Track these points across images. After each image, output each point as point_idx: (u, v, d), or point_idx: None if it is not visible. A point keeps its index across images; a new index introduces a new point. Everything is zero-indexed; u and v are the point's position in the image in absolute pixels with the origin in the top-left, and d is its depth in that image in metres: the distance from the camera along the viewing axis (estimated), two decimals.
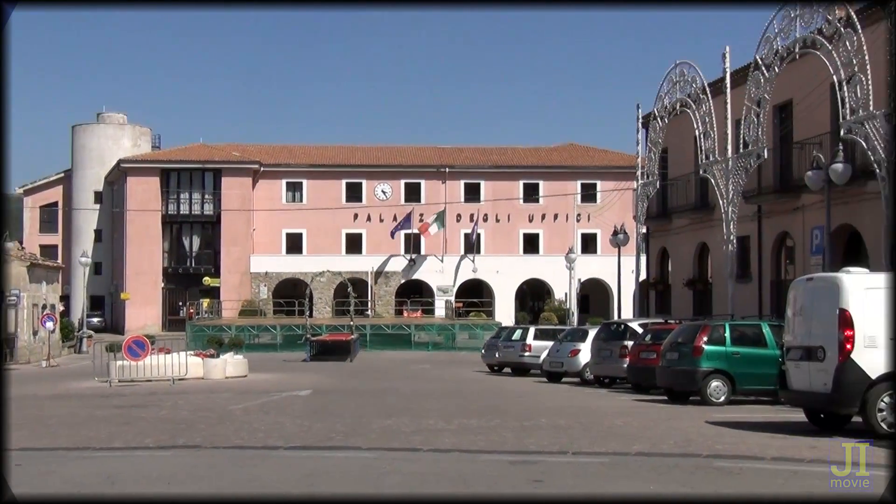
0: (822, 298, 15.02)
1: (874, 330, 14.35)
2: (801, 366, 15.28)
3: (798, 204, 29.38)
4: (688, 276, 37.34)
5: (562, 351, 29.63)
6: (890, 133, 21.04)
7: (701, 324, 22.34)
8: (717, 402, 20.37)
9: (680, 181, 37.04)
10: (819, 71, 24.81)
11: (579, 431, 15.22)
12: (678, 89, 31.95)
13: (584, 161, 69.08)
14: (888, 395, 14.22)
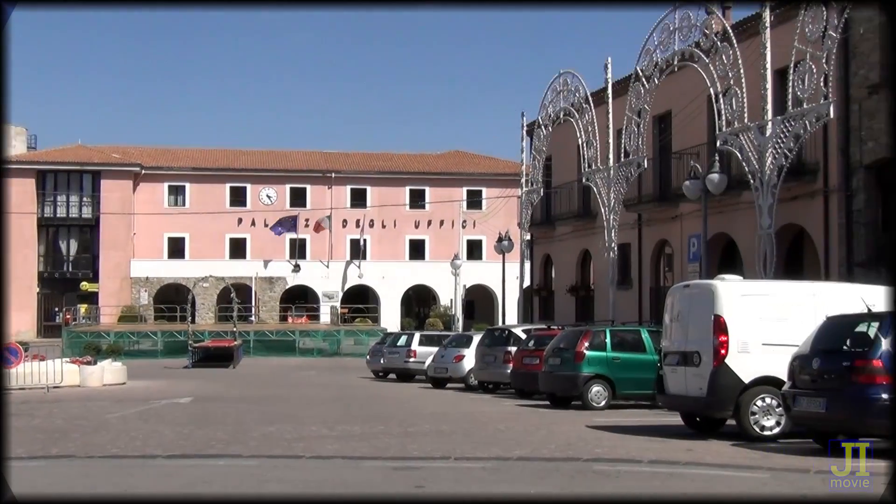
0: (698, 305, 15.42)
1: (747, 335, 14.80)
2: (677, 370, 15.65)
3: (676, 212, 30.16)
4: (571, 282, 37.94)
5: (446, 357, 29.76)
6: (763, 144, 21.73)
7: (582, 330, 22.71)
8: (598, 406, 20.73)
9: (563, 189, 37.63)
10: (697, 83, 25.51)
11: (462, 437, 15.29)
12: (562, 98, 32.46)
13: (470, 168, 69.55)
14: (761, 398, 14.67)
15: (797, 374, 13.49)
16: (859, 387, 12.42)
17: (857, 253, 23.22)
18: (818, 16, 20.37)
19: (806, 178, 24.60)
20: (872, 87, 22.82)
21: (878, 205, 23.19)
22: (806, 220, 25.18)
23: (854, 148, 23.35)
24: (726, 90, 23.11)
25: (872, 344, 12.57)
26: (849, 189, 23.47)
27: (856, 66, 23.42)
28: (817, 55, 20.49)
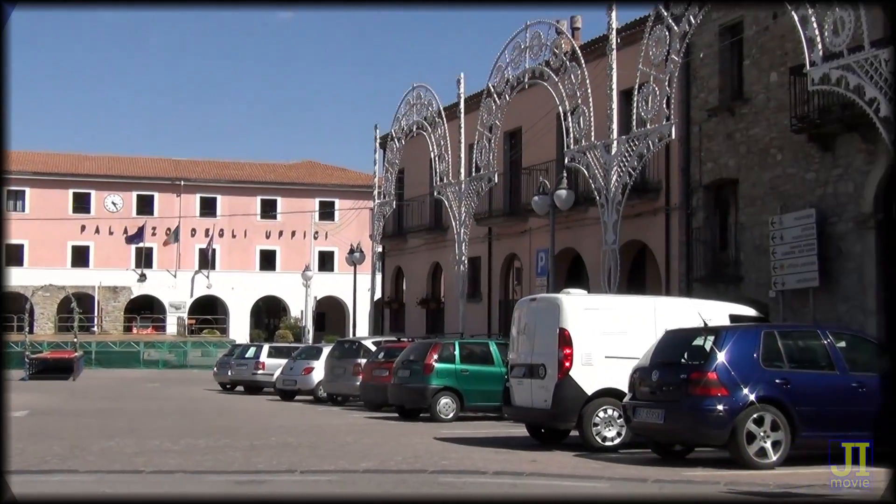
0: (543, 318, 15.72)
1: (591, 348, 15.16)
2: (523, 383, 15.91)
3: (526, 227, 30.69)
4: (422, 294, 38.15)
5: (295, 369, 29.49)
6: (609, 162, 22.33)
7: (432, 342, 22.84)
8: (447, 418, 20.88)
9: (415, 202, 37.84)
10: (546, 101, 26.04)
11: (309, 450, 15.17)
12: (415, 112, 32.64)
13: (323, 179, 69.23)
14: (603, 410, 15.04)
15: (637, 387, 13.89)
16: (696, 398, 12.86)
17: (695, 269, 24.09)
18: (662, 40, 21.08)
19: (649, 195, 25.41)
20: (711, 111, 23.77)
21: (715, 223, 24.13)
22: (649, 237, 25.99)
23: (694, 168, 24.25)
24: (574, 109, 23.67)
25: (708, 357, 13.05)
26: (689, 207, 24.35)
27: (696, 89, 24.36)
28: (660, 78, 21.20)
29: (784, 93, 21.05)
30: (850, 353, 13.70)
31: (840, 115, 19.24)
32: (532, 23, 25.48)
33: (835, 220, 20.16)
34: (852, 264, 19.77)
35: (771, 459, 12.66)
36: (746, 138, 22.65)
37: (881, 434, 13.27)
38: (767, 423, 12.68)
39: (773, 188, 21.79)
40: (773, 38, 21.83)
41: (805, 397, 12.90)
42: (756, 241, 22.19)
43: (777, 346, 13.35)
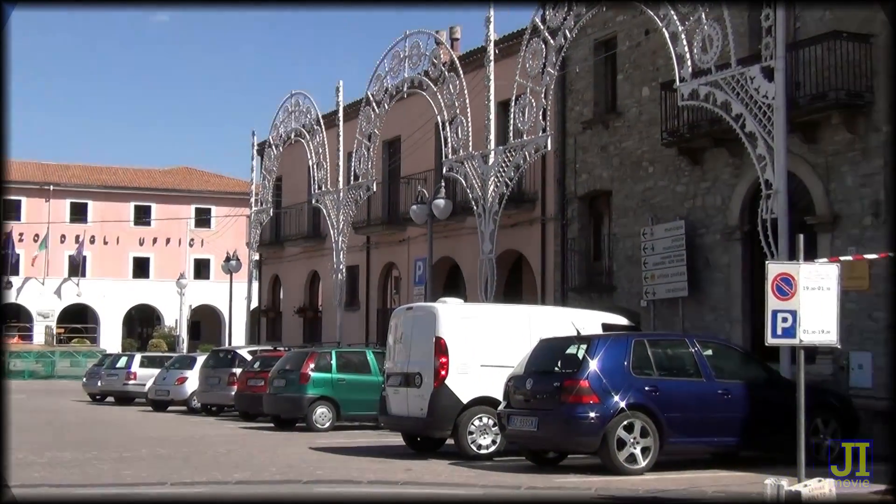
0: (420, 327, 15.77)
1: (467, 357, 15.27)
2: (399, 391, 15.92)
3: (404, 236, 30.77)
4: (299, 303, 37.85)
5: (168, 379, 28.90)
6: (486, 172, 22.55)
7: (308, 351, 22.68)
8: (323, 428, 20.76)
9: (293, 209, 37.54)
10: (425, 110, 26.18)
11: (181, 461, 14.88)
12: (293, 119, 32.40)
13: (199, 185, 68.07)
14: (478, 418, 15.16)
15: (512, 395, 14.04)
16: (568, 406, 13.06)
17: (570, 278, 24.51)
18: (538, 53, 21.42)
19: (525, 206, 25.76)
20: (586, 123, 24.24)
21: (589, 234, 24.61)
22: (525, 247, 26.33)
23: (569, 179, 24.69)
24: (453, 119, 23.85)
25: (581, 365, 13.27)
26: (564, 218, 24.77)
27: (571, 102, 24.82)
28: (537, 90, 21.53)
29: (655, 107, 21.60)
30: (716, 361, 14.12)
31: (708, 130, 19.84)
32: (411, 32, 25.60)
33: (703, 232, 20.76)
34: (719, 275, 20.39)
35: (640, 465, 12.94)
36: (620, 151, 23.17)
37: (747, 439, 13.76)
38: (637, 430, 12.96)
39: (644, 200, 22.33)
40: (646, 54, 22.39)
41: (673, 404, 13.23)
42: (628, 252, 22.70)
43: (647, 355, 13.66)
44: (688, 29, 17.72)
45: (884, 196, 17.12)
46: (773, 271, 11.17)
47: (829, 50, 17.43)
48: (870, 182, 17.43)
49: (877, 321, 17.25)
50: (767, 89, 16.28)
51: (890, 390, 12.24)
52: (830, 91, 17.49)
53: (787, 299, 11.04)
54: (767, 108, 16.32)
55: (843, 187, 17.90)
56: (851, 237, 17.68)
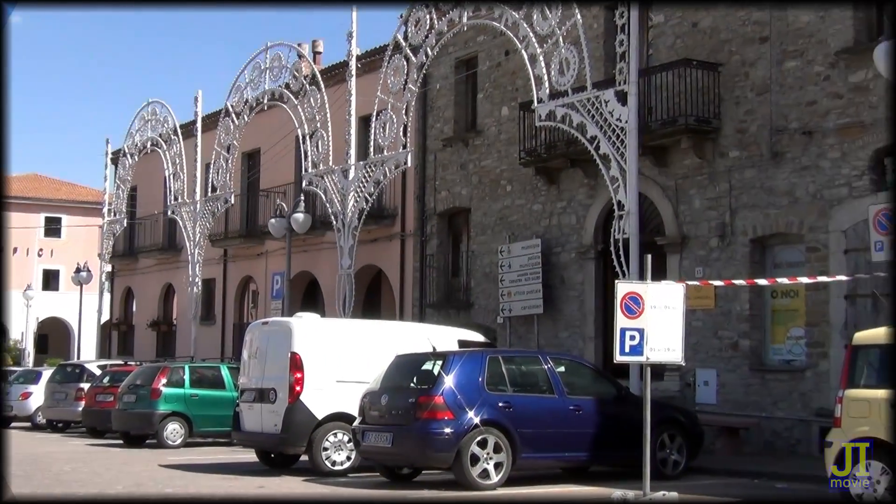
0: (275, 342, 15.58)
1: (322, 372, 15.14)
2: (254, 407, 15.68)
3: (262, 249, 30.41)
4: (153, 316, 36.95)
5: (12, 394, 27.79)
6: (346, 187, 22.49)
7: (160, 366, 22.15)
8: (174, 444, 20.28)
9: (148, 221, 36.67)
10: (286, 123, 25.96)
11: (23, 480, 14.27)
12: (150, 128, 31.66)
13: (49, 193, 65.78)
14: (333, 434, 15.04)
15: (367, 411, 13.99)
16: (423, 422, 13.09)
17: (429, 294, 24.63)
18: (400, 69, 21.51)
19: (385, 221, 25.80)
20: (446, 141, 24.46)
21: (448, 250, 24.80)
22: (384, 262, 26.36)
23: (429, 196, 24.85)
24: (313, 132, 23.72)
25: (436, 381, 13.32)
26: (423, 234, 24.91)
27: (432, 119, 25.02)
28: (398, 106, 21.61)
29: (514, 127, 21.96)
30: (568, 378, 14.36)
31: (564, 151, 20.27)
32: (273, 44, 25.39)
33: (559, 251, 21.18)
34: (574, 293, 20.83)
35: (493, 480, 13.06)
36: (479, 169, 23.45)
37: (597, 454, 14.06)
38: (490, 446, 13.07)
39: (502, 218, 22.65)
40: (505, 75, 22.75)
41: (526, 420, 13.40)
42: (486, 269, 22.97)
43: (501, 371, 13.81)
44: (546, 51, 18.08)
45: (728, 218, 17.80)
46: (622, 290, 11.48)
47: (679, 77, 18.05)
48: (716, 205, 18.10)
49: (721, 339, 17.90)
50: (621, 113, 16.74)
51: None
52: (680, 116, 18.11)
53: (635, 318, 11.36)
54: (621, 130, 16.78)
55: (691, 210, 18.54)
56: (699, 258, 18.32)
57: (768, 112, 17.29)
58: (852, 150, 16.13)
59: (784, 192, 17.05)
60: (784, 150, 17.09)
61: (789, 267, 17.24)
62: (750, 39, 17.69)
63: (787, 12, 17.14)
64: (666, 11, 19.24)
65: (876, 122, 15.75)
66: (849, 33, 16.31)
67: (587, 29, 18.70)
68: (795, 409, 16.67)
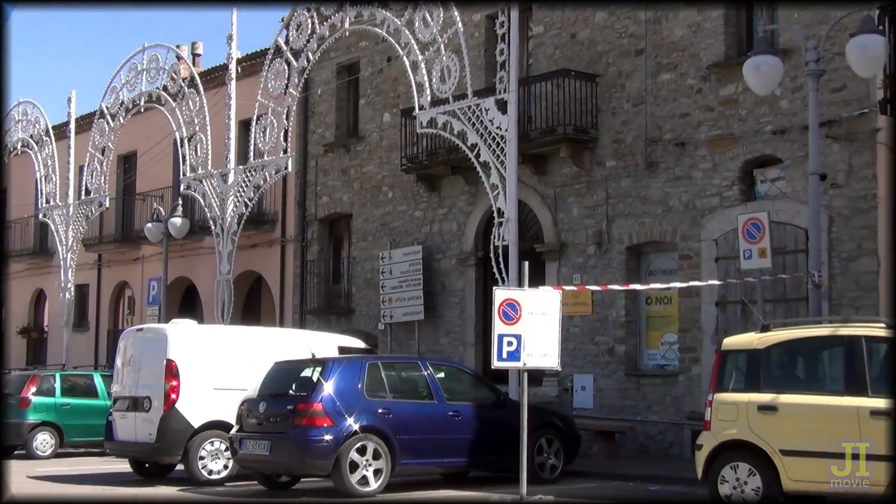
0: (150, 349, 15.25)
1: (199, 380, 14.87)
2: (127, 416, 15.31)
3: (138, 254, 29.73)
4: (23, 323, 35.76)
5: None
6: (225, 191, 22.17)
7: (30, 374, 21.47)
8: (44, 455, 19.71)
9: (18, 224, 35.45)
10: (164, 126, 25.44)
11: None
12: (20, 128, 30.62)
13: None
14: (210, 442, 14.79)
15: (245, 418, 13.80)
16: (301, 429, 12.96)
17: (309, 301, 24.45)
18: (281, 73, 21.31)
19: (265, 227, 25.52)
20: (328, 146, 24.34)
21: (329, 256, 24.67)
22: (264, 268, 26.06)
23: (310, 201, 24.68)
24: (192, 136, 23.32)
25: (314, 388, 13.22)
26: (304, 240, 24.73)
27: (314, 124, 24.87)
28: (279, 110, 21.41)
29: (396, 133, 21.99)
30: (448, 384, 14.43)
31: (446, 158, 20.38)
32: (150, 45, 24.85)
33: (440, 257, 21.28)
34: (455, 299, 20.94)
35: (372, 487, 13.02)
36: (360, 175, 23.40)
37: (476, 460, 14.16)
38: (370, 452, 13.03)
39: (384, 224, 22.64)
40: (387, 81, 22.77)
41: (405, 426, 13.40)
42: (367, 275, 22.93)
43: (380, 377, 13.79)
44: (427, 59, 18.16)
45: (605, 226, 18.16)
46: (500, 297, 11.60)
47: (558, 87, 18.35)
48: (593, 213, 18.45)
49: (598, 345, 18.24)
50: (501, 121, 16.92)
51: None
52: (559, 126, 18.41)
53: (512, 324, 11.49)
54: (501, 139, 16.95)
55: (569, 217, 18.85)
56: (577, 265, 18.63)
57: (643, 123, 17.71)
58: (723, 162, 16.63)
59: (658, 202, 17.47)
60: (658, 160, 17.52)
61: (663, 274, 17.67)
62: (626, 52, 18.09)
63: (661, 26, 17.60)
64: (545, 22, 19.54)
65: (745, 135, 16.29)
66: (720, 48, 16.83)
67: (468, 37, 18.85)
68: (668, 412, 17.08)
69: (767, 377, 10.89)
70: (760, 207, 15.29)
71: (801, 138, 15.09)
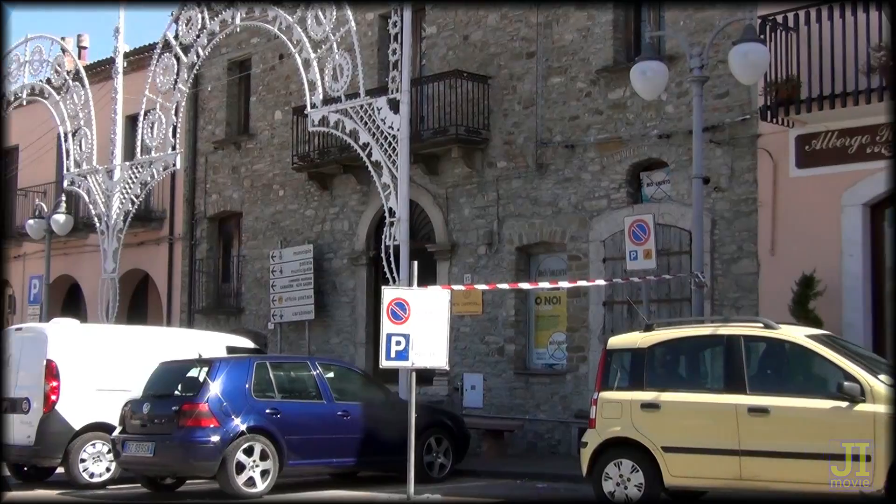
0: (30, 349, 14.79)
1: (81, 381, 14.51)
2: (6, 418, 14.84)
3: (19, 252, 28.85)
4: None
5: None
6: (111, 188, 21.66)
7: None
8: None
9: None
10: (47, 120, 24.73)
11: None
12: None
13: None
14: (91, 444, 14.44)
15: (128, 420, 13.53)
16: (187, 430, 12.76)
17: (198, 300, 24.05)
18: (170, 68, 20.89)
19: (153, 224, 25.02)
20: (218, 143, 23.98)
21: (219, 255, 24.32)
22: (151, 267, 25.55)
23: (199, 199, 24.28)
24: (76, 130, 22.71)
25: (200, 388, 13.02)
26: (193, 238, 24.32)
27: (204, 121, 24.48)
28: (167, 106, 20.99)
29: (287, 131, 21.79)
30: (337, 384, 14.37)
31: (338, 157, 20.27)
32: (33, 36, 24.09)
33: (331, 256, 21.16)
34: (346, 298, 20.86)
35: (259, 489, 12.89)
36: (251, 173, 23.12)
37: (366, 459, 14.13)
38: (257, 453, 12.90)
39: (274, 223, 22.42)
40: (279, 78, 22.55)
41: (293, 426, 13.30)
42: (257, 274, 22.67)
43: (269, 377, 13.66)
44: (320, 57, 18.03)
45: (496, 227, 18.30)
46: (389, 296, 11.60)
47: (450, 87, 18.42)
48: (484, 214, 18.58)
49: (488, 344, 18.38)
50: (393, 120, 16.90)
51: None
52: (451, 126, 18.48)
53: (401, 323, 11.50)
54: (393, 138, 16.93)
55: (460, 218, 18.94)
56: (468, 265, 18.73)
57: (534, 125, 17.90)
58: (611, 164, 16.92)
59: (548, 203, 17.68)
60: (548, 162, 17.73)
61: (553, 274, 17.89)
62: (518, 55, 18.26)
63: (552, 30, 17.81)
64: (439, 23, 19.60)
65: (632, 138, 16.60)
66: (608, 53, 17.11)
67: (362, 36, 18.78)
68: (556, 411, 17.30)
69: (651, 376, 11.11)
70: (646, 210, 15.61)
71: (685, 143, 15.44)
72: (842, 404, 9.91)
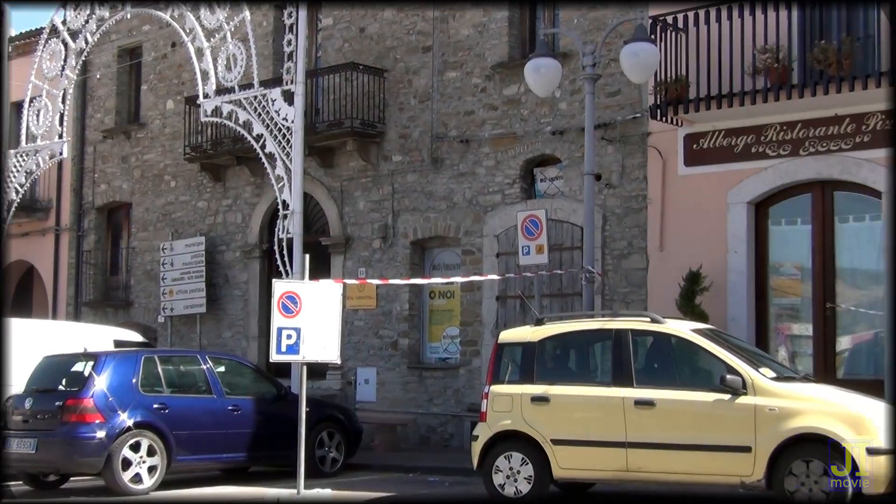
0: None
1: None
2: None
3: None
4: None
5: None
6: None
7: None
8: None
9: None
10: None
11: None
12: None
13: None
14: None
15: (10, 415, 13.16)
16: (71, 426, 12.48)
17: (85, 292, 23.49)
18: (57, 54, 20.32)
19: (38, 215, 24.34)
20: (107, 132, 23.43)
21: (107, 247, 23.78)
22: (36, 258, 24.86)
23: (87, 189, 23.71)
24: None
25: (85, 383, 12.73)
26: (80, 229, 23.73)
27: (92, 109, 23.89)
28: (54, 93, 20.40)
29: (180, 121, 21.40)
30: (227, 378, 14.19)
31: (231, 149, 19.97)
32: None
33: (224, 249, 20.86)
34: (238, 292, 20.59)
35: (146, 485, 12.67)
36: (141, 163, 22.65)
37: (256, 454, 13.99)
38: (144, 449, 12.68)
39: (166, 214, 22.00)
40: (171, 67, 22.13)
41: (182, 421, 13.10)
42: (147, 267, 22.23)
43: (157, 371, 13.43)
44: (213, 46, 17.73)
45: (391, 221, 18.28)
46: (280, 289, 11.48)
47: (346, 80, 18.32)
48: (379, 208, 18.54)
49: (382, 338, 18.36)
50: (287, 112, 16.71)
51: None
52: (346, 119, 18.39)
53: (292, 317, 11.39)
54: (287, 130, 16.73)
55: (355, 211, 18.87)
56: (362, 259, 18.68)
57: (430, 119, 17.93)
58: (505, 160, 17.04)
59: (443, 197, 17.73)
60: (444, 156, 17.78)
61: (447, 268, 17.95)
62: (414, 48, 18.26)
63: (448, 25, 17.85)
64: (335, 15, 19.47)
65: (526, 134, 16.74)
66: (504, 49, 17.22)
67: (256, 26, 18.55)
68: (449, 405, 17.37)
69: (541, 369, 11.24)
70: (539, 205, 15.77)
71: (578, 139, 15.65)
72: (724, 397, 10.18)
